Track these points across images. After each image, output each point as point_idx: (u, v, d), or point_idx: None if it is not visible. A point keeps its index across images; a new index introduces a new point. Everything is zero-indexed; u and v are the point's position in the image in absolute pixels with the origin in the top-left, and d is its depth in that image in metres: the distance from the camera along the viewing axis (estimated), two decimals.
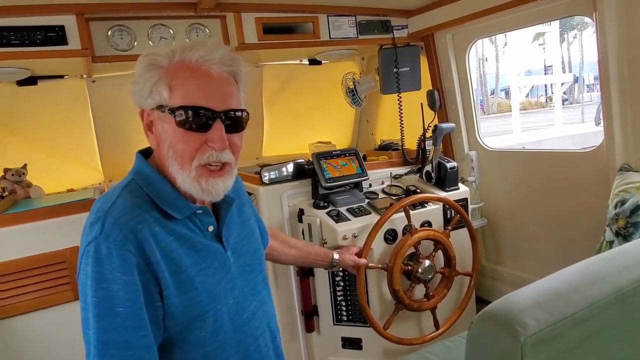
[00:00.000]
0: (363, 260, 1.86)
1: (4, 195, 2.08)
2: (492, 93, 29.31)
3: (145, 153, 1.05)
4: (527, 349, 0.77)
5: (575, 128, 14.71)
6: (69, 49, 1.80)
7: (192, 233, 0.99)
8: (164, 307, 0.94)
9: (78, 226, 1.84)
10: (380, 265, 1.96)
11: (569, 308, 0.82)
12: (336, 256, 1.79)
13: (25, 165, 2.21)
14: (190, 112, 0.92)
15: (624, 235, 1.66)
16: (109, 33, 1.96)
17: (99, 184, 2.56)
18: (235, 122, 0.97)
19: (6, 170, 2.16)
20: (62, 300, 1.82)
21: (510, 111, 16.49)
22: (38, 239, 1.81)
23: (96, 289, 0.88)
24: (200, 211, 1.01)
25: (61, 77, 2.34)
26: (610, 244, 1.70)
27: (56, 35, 1.77)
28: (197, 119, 0.92)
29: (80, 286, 0.91)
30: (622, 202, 1.70)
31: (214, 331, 1.01)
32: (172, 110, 0.92)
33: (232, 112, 0.96)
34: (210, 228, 1.03)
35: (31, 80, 2.18)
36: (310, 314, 2.16)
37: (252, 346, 1.08)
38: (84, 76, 2.40)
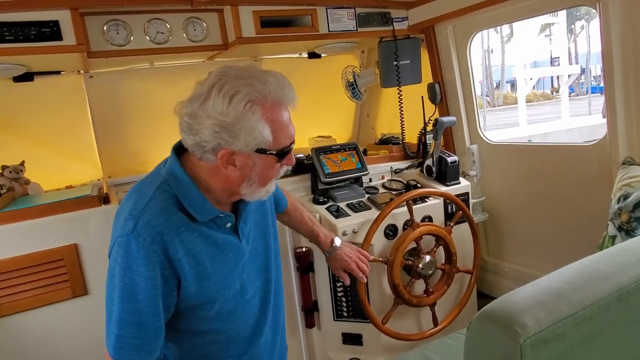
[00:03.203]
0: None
1: (2, 192, 2.07)
2: (498, 85, 29.01)
3: (177, 150, 1.14)
4: (527, 351, 0.75)
5: (582, 120, 14.59)
6: (63, 45, 1.77)
7: (212, 230, 1.13)
8: (179, 295, 1.11)
9: (76, 223, 1.86)
10: (381, 259, 1.94)
11: (570, 307, 0.81)
12: (337, 243, 1.65)
13: (23, 162, 2.19)
14: (286, 153, 1.11)
15: (626, 230, 1.63)
16: (105, 28, 1.94)
17: (98, 180, 2.53)
18: None
19: (4, 168, 2.14)
20: (60, 298, 1.81)
21: (516, 103, 16.34)
22: (36, 237, 1.79)
23: (123, 276, 1.04)
24: (222, 215, 1.14)
25: (58, 72, 2.32)
26: (613, 239, 1.68)
27: (50, 31, 1.74)
28: (289, 156, 1.12)
29: (110, 267, 1.07)
30: (625, 197, 1.67)
31: (219, 310, 1.18)
32: (276, 154, 1.08)
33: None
34: (228, 225, 1.17)
35: (27, 77, 2.16)
36: (310, 309, 2.15)
37: (250, 320, 1.26)
38: (81, 72, 2.37)
